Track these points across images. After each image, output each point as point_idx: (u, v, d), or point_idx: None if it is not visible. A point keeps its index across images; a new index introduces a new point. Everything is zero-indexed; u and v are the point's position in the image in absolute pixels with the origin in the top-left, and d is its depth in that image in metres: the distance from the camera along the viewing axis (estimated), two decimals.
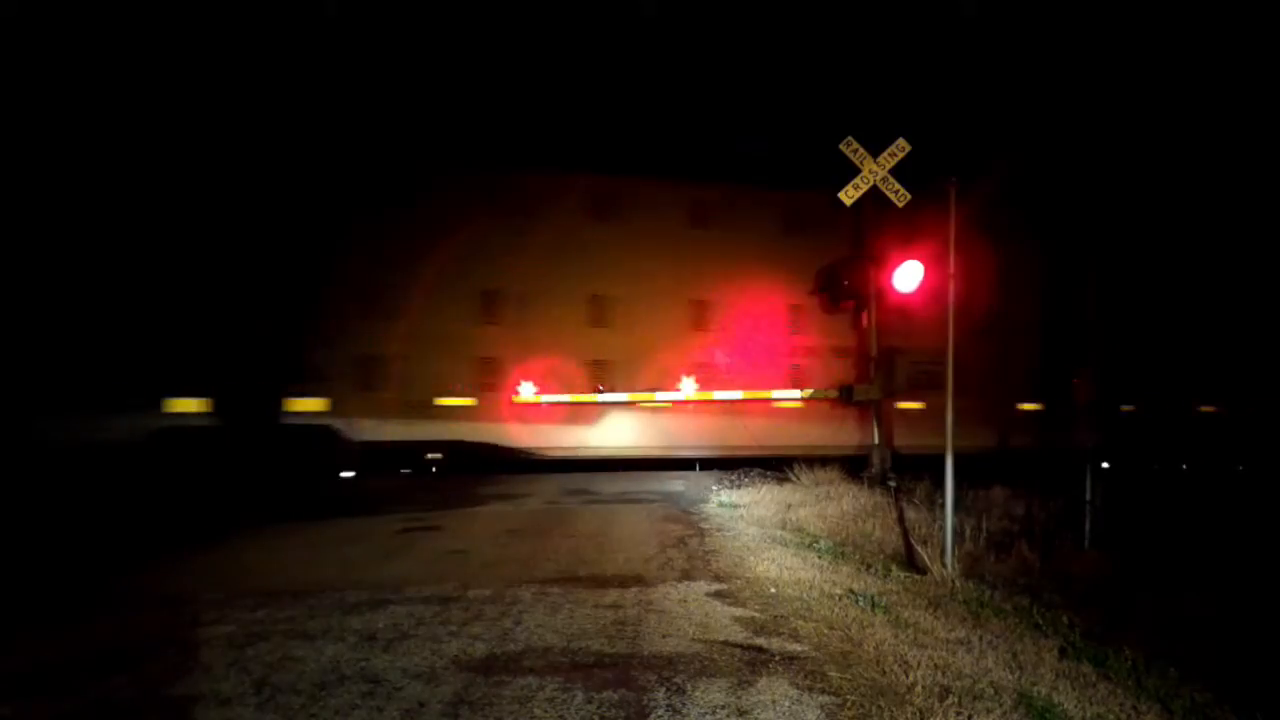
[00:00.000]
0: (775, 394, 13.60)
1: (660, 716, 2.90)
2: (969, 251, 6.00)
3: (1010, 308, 13.16)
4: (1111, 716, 3.25)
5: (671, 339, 14.60)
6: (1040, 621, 4.58)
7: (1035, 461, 8.79)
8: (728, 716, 2.91)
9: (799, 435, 14.17)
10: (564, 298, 14.47)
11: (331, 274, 13.50)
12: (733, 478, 10.92)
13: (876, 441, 10.50)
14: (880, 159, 8.94)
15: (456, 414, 13.81)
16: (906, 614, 4.52)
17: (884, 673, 3.39)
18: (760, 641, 3.82)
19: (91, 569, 5.85)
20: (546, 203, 14.56)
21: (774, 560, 5.79)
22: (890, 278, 6.62)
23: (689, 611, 4.35)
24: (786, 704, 3.01)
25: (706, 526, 7.37)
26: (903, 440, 12.42)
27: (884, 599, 4.81)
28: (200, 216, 12.80)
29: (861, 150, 8.97)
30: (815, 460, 10.95)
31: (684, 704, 3.00)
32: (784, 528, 7.51)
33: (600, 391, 14.28)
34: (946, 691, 3.18)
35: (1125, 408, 11.68)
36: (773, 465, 11.92)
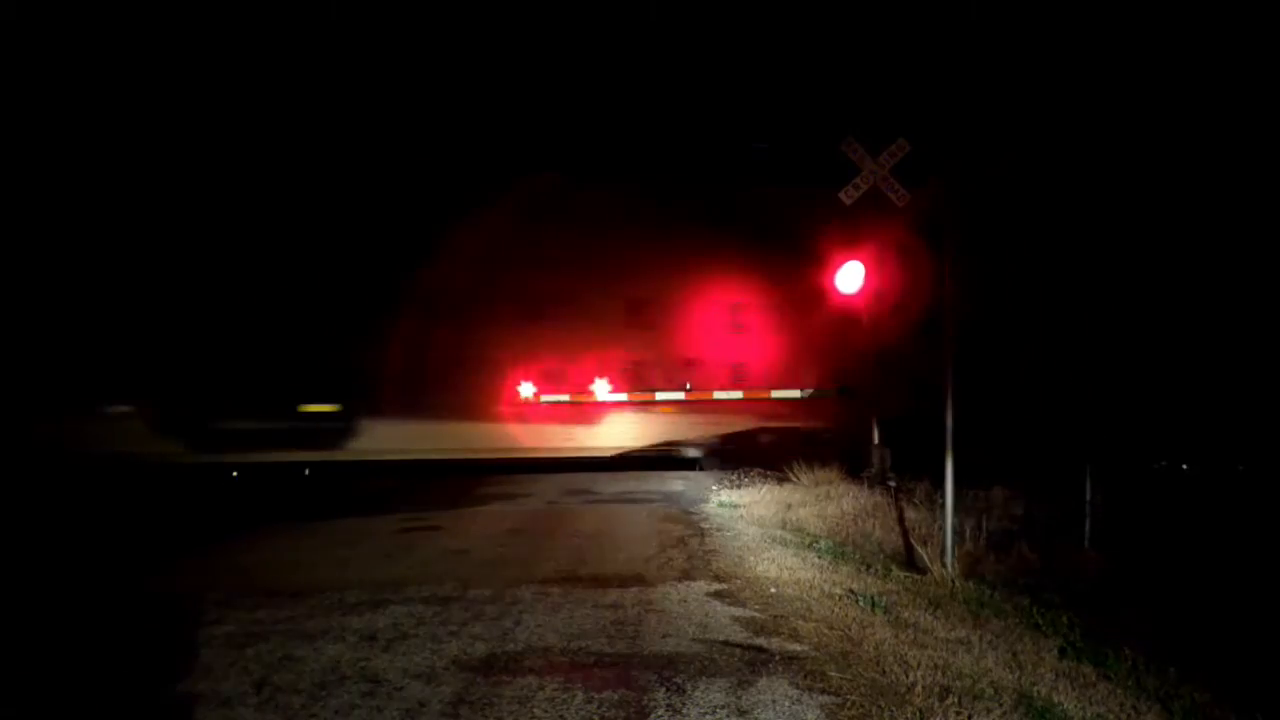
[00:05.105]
0: (775, 393, 13.60)
1: (660, 716, 2.90)
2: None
3: (994, 309, 13.12)
4: (1111, 716, 3.25)
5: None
6: (1040, 621, 4.58)
7: (1032, 461, 8.77)
8: (728, 716, 2.91)
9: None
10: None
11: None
12: (733, 478, 10.92)
13: (876, 441, 10.50)
14: (880, 159, 8.92)
15: None
16: (907, 614, 4.52)
17: (884, 672, 3.39)
18: (760, 641, 3.82)
19: (94, 570, 5.86)
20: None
21: (774, 560, 5.79)
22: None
23: (689, 611, 4.35)
24: (786, 704, 3.01)
25: (706, 526, 7.37)
26: None
27: (884, 599, 4.81)
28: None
29: (861, 150, 8.95)
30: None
31: (684, 704, 3.00)
32: (784, 527, 7.51)
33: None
34: (946, 691, 3.18)
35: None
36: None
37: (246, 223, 12.86)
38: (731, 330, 14.53)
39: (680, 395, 14.22)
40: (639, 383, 14.15)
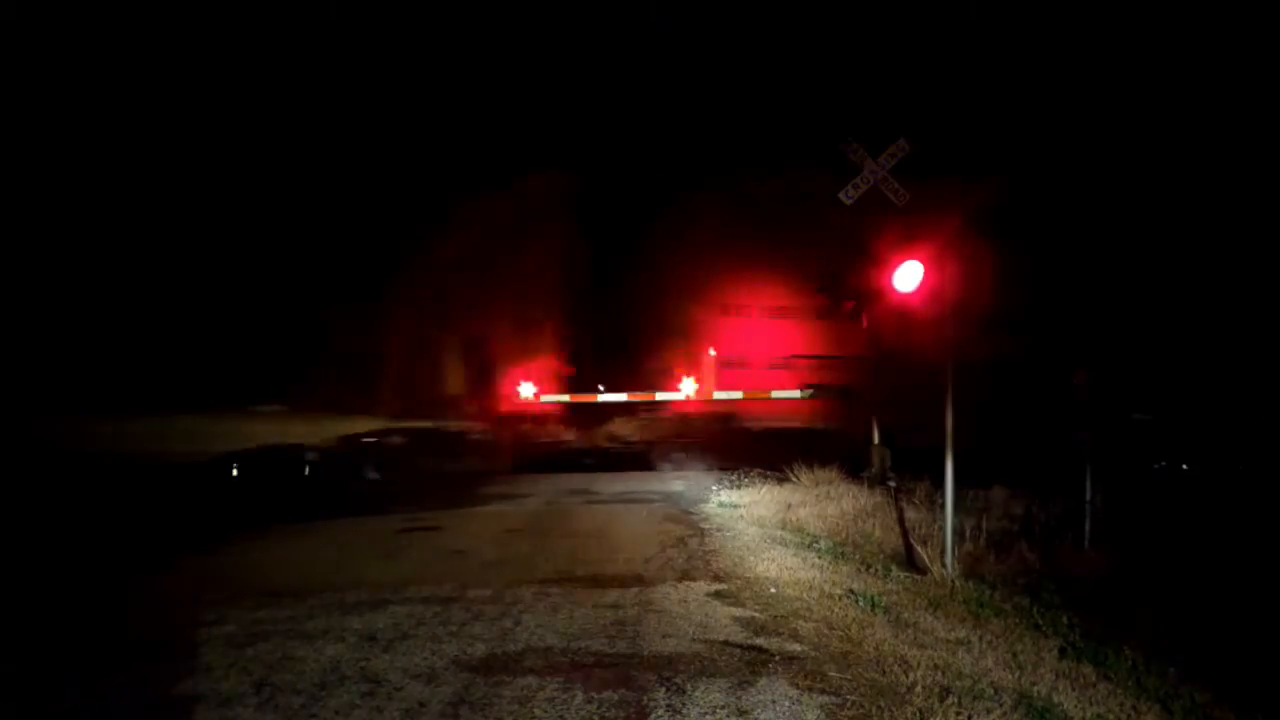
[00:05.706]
0: (775, 393, 13.61)
1: (660, 716, 2.90)
2: (963, 251, 6.02)
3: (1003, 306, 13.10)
4: (1111, 716, 3.25)
5: None
6: (1040, 621, 4.58)
7: (1033, 460, 8.76)
8: (727, 716, 2.91)
9: None
10: None
11: None
12: (733, 478, 10.93)
13: (876, 441, 10.50)
14: (880, 159, 8.92)
15: None
16: (906, 614, 4.52)
17: (884, 673, 3.39)
18: (760, 641, 3.82)
19: (93, 569, 5.86)
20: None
21: (774, 560, 5.79)
22: (889, 278, 6.64)
23: (689, 611, 4.35)
24: (786, 704, 3.01)
25: (706, 526, 7.37)
26: None
27: (884, 599, 4.81)
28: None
29: (861, 150, 8.96)
30: None
31: (684, 704, 3.00)
32: (784, 528, 7.51)
33: (600, 391, 14.26)
34: (946, 691, 3.18)
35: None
36: None
37: None
38: None
39: (681, 395, 14.24)
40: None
